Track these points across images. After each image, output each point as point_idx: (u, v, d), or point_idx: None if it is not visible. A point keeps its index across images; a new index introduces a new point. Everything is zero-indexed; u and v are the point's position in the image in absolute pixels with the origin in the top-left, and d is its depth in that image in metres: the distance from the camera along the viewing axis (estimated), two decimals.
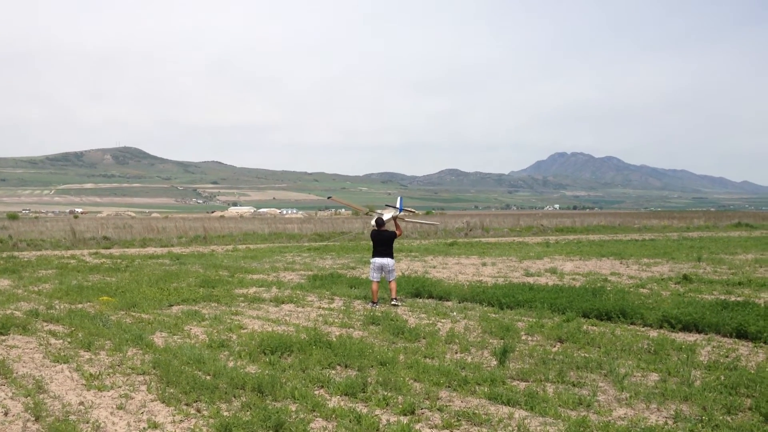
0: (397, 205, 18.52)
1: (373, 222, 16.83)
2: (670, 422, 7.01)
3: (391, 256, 16.17)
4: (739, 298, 15.50)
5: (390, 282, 16.09)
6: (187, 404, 7.69)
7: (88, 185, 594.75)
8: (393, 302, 15.68)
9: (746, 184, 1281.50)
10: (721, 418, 7.01)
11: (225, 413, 7.27)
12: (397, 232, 16.80)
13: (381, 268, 16.00)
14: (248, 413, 7.19)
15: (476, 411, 7.34)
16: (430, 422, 7.07)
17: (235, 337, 11.65)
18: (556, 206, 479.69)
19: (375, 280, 15.94)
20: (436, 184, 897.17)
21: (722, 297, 15.92)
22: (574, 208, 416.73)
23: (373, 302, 15.66)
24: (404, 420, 7.02)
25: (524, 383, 8.56)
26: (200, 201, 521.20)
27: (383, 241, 16.15)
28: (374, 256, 16.19)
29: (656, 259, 28.02)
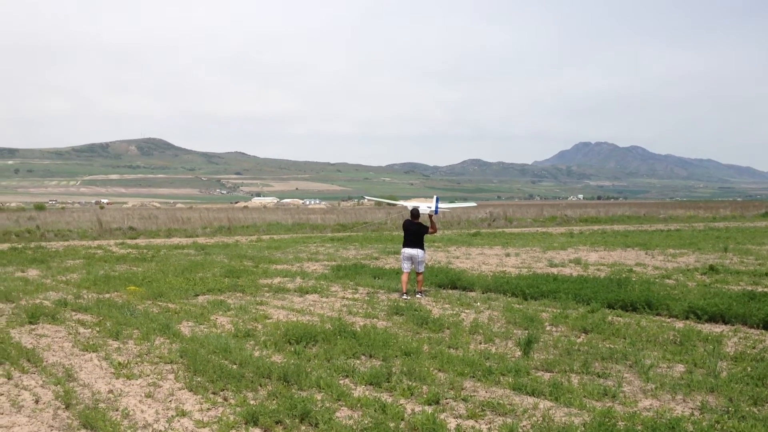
0: (433, 206, 18.16)
1: (408, 205, 16.99)
2: (696, 413, 6.99)
3: (422, 247, 15.97)
4: (766, 289, 15.35)
5: (418, 274, 15.88)
6: (214, 393, 7.79)
7: (114, 176, 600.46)
8: (417, 295, 15.51)
9: None
10: (747, 409, 6.98)
11: (252, 402, 7.36)
12: (431, 230, 16.32)
13: (410, 259, 15.80)
14: (274, 402, 7.27)
15: (501, 401, 7.36)
16: (454, 412, 7.11)
17: (260, 326, 11.76)
18: (580, 196, 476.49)
19: (405, 270, 15.77)
20: (458, 174, 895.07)
21: (749, 288, 15.78)
22: (599, 198, 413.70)
23: (403, 293, 15.45)
24: (429, 409, 7.06)
25: (549, 374, 8.56)
26: (224, 192, 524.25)
27: (414, 233, 15.97)
28: (404, 245, 16.02)
29: (682, 250, 27.77)
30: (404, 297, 15.18)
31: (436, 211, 17.74)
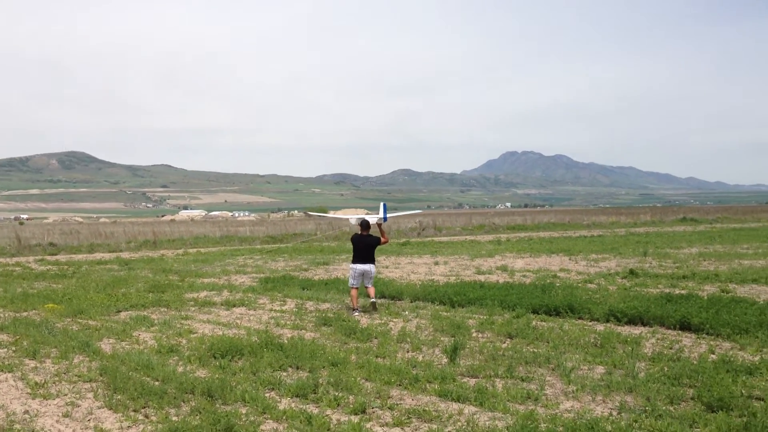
0: (381, 213, 17.16)
1: (353, 220, 16.21)
2: (615, 413, 7.17)
3: (373, 262, 15.11)
4: (682, 291, 15.90)
5: (368, 288, 15.02)
6: (134, 410, 7.59)
7: (34, 191, 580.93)
8: (372, 301, 14.75)
9: (692, 180, 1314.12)
10: (664, 408, 7.20)
11: (174, 418, 7.20)
12: (383, 239, 15.36)
13: (362, 275, 14.93)
14: (197, 417, 7.13)
15: (426, 408, 7.40)
16: (381, 420, 7.11)
17: (184, 341, 11.52)
18: (508, 204, 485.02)
19: (354, 286, 14.90)
20: (389, 184, 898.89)
21: (667, 290, 16.32)
22: (526, 206, 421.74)
23: (354, 308, 14.54)
24: (355, 419, 7.05)
25: (474, 379, 8.66)
26: (150, 205, 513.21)
27: (366, 247, 15.06)
28: (355, 261, 15.00)
29: (604, 255, 28.54)
30: (356, 313, 14.29)
31: (384, 219, 16.92)
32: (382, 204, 17.69)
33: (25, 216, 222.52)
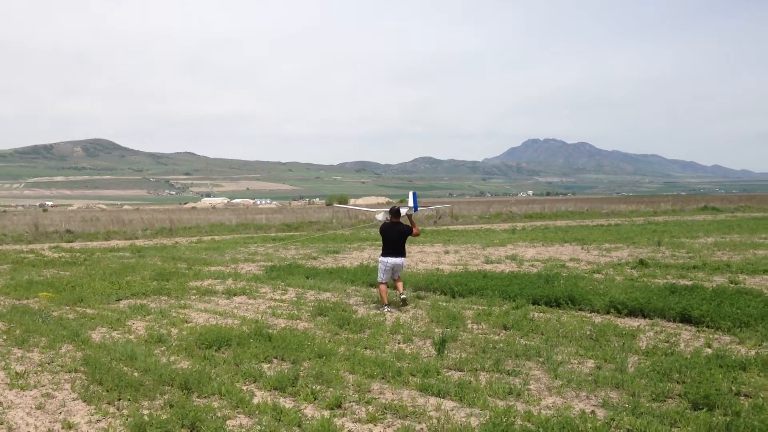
0: (410, 203, 15.94)
1: (379, 217, 14.64)
2: (596, 410, 6.95)
3: (404, 255, 14.08)
4: (688, 282, 15.57)
5: (396, 282, 14.06)
6: (108, 402, 7.49)
7: (59, 178, 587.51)
8: (401, 296, 13.68)
9: (717, 168, 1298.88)
10: (648, 405, 6.96)
11: (145, 412, 7.08)
12: (414, 230, 14.12)
13: (392, 269, 13.86)
14: (168, 411, 7.01)
15: (404, 403, 7.23)
16: (354, 416, 6.94)
17: (176, 331, 11.44)
18: (530, 192, 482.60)
19: (383, 281, 13.85)
20: (410, 172, 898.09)
21: (677, 281, 15.99)
22: (548, 194, 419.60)
23: (386, 304, 13.51)
24: (327, 414, 6.88)
25: (459, 373, 8.47)
26: (173, 192, 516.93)
27: (397, 237, 13.87)
28: (385, 254, 13.84)
29: (617, 244, 28.14)
30: (387, 309, 13.32)
31: (415, 209, 15.71)
32: (411, 193, 16.54)
33: (50, 203, 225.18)
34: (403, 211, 14.73)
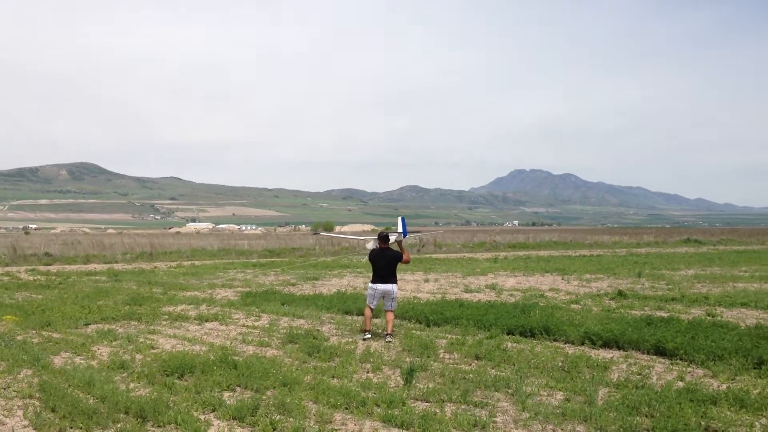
0: (399, 228, 15.38)
1: (369, 246, 14.16)
2: None
3: (395, 281, 13.47)
4: (665, 314, 15.45)
5: (387, 312, 13.37)
6: (60, 431, 7.22)
7: (43, 201, 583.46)
8: (387, 338, 12.82)
9: (700, 201, 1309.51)
10: None
11: None
12: (404, 256, 13.60)
13: (383, 296, 13.32)
14: None
15: None
16: None
17: (140, 357, 11.16)
18: (516, 222, 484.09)
19: (371, 306, 13.38)
20: (396, 200, 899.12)
21: (654, 313, 15.89)
22: (533, 224, 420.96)
23: (365, 330, 13.14)
24: None
25: (425, 404, 8.26)
26: (158, 217, 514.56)
27: (387, 263, 13.33)
28: (375, 281, 13.35)
29: (598, 275, 28.08)
30: (366, 336, 12.99)
31: (404, 234, 14.96)
32: (400, 218, 16.09)
33: (33, 226, 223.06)
34: (393, 237, 14.44)
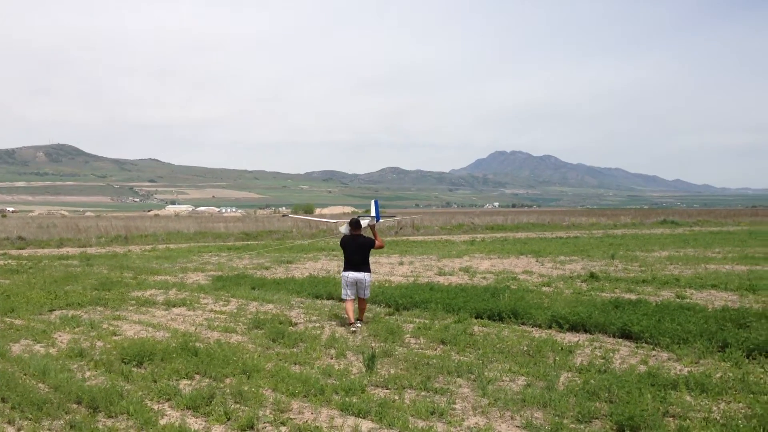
0: (372, 212, 14.88)
1: (342, 229, 13.51)
2: (518, 431, 6.69)
3: (368, 270, 13.06)
4: (634, 297, 15.47)
5: (360, 300, 13.03)
6: (9, 422, 7.05)
7: (20, 183, 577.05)
8: (357, 323, 12.51)
9: (678, 183, 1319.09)
10: (572, 426, 6.72)
11: None
12: (377, 242, 13.21)
13: (355, 284, 12.86)
14: None
15: (320, 424, 6.91)
16: None
17: (100, 344, 10.97)
18: (496, 204, 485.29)
19: (348, 298, 12.84)
20: (377, 182, 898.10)
21: (623, 295, 15.90)
22: (513, 206, 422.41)
23: (350, 323, 12.47)
24: None
25: (386, 391, 8.16)
26: (137, 200, 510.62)
27: (358, 250, 12.95)
28: (347, 269, 12.97)
29: (572, 257, 28.15)
30: (354, 327, 12.28)
31: (377, 219, 14.54)
32: (373, 201, 15.56)
33: (10, 209, 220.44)
34: (365, 222, 13.92)
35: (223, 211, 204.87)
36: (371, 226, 13.90)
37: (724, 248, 32.94)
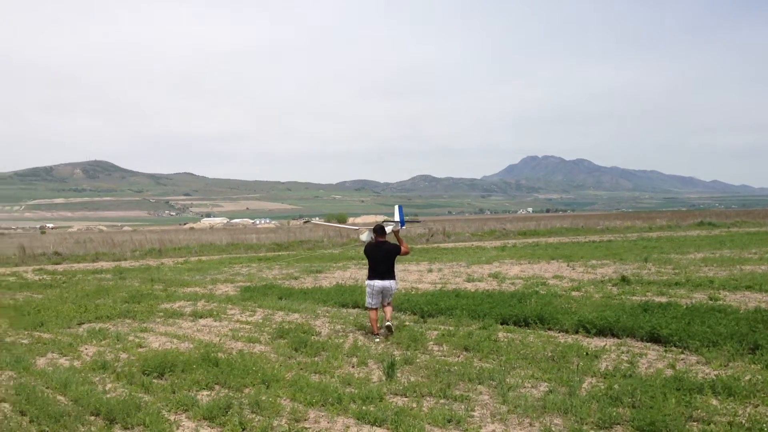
0: (396, 218, 14.33)
1: (364, 237, 12.84)
2: None
3: (394, 277, 12.59)
4: (667, 300, 15.16)
5: (385, 307, 12.56)
6: None
7: (59, 200, 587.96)
8: (386, 323, 12.17)
9: (716, 183, 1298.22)
10: None
11: None
12: (403, 248, 12.68)
13: (381, 293, 12.39)
14: None
15: None
16: None
17: (125, 356, 11.03)
18: (530, 209, 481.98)
19: (372, 306, 12.40)
20: (409, 190, 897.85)
21: (654, 298, 15.60)
22: (547, 211, 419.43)
23: (374, 333, 12.19)
24: None
25: (405, 399, 8.06)
26: (173, 213, 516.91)
27: (384, 257, 12.41)
28: (372, 277, 12.45)
29: (604, 261, 27.74)
30: (377, 339, 11.95)
31: (402, 224, 13.81)
32: (397, 207, 14.98)
33: (50, 225, 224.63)
34: (389, 228, 13.42)
35: (257, 222, 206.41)
36: (395, 232, 13.47)
37: (761, 249, 32.19)
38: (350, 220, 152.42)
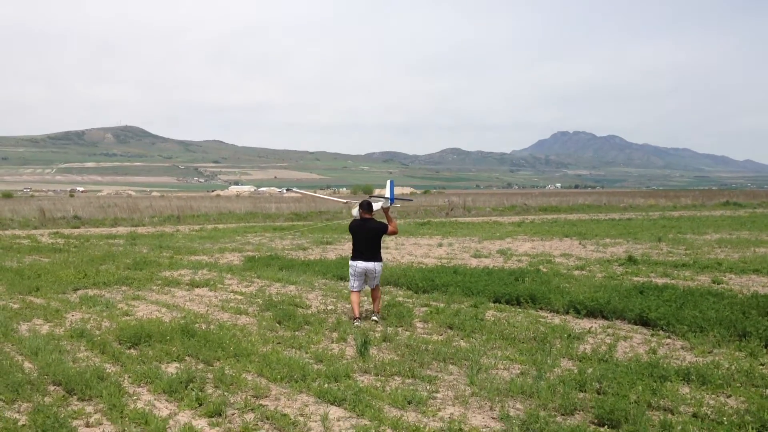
0: (387, 194, 12.95)
1: (354, 212, 11.86)
2: (492, 423, 6.36)
3: (380, 258, 11.54)
4: (668, 281, 14.85)
5: (372, 290, 11.75)
6: None
7: (90, 164, 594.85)
8: (374, 317, 11.45)
9: (749, 163, 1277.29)
10: (549, 419, 6.32)
11: (13, 415, 6.62)
12: (390, 227, 11.68)
13: (364, 275, 11.40)
14: (33, 417, 6.48)
15: (289, 412, 6.69)
16: (228, 426, 6.38)
17: (107, 324, 11.00)
18: (558, 185, 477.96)
19: (355, 289, 11.41)
20: (437, 162, 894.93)
21: (656, 280, 15.30)
22: (576, 186, 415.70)
23: (356, 317, 11.17)
24: (200, 424, 6.37)
25: (372, 377, 7.91)
26: (201, 180, 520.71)
27: (369, 236, 11.43)
28: (355, 257, 11.50)
29: (617, 240, 27.32)
30: (357, 323, 10.98)
31: (391, 201, 12.72)
32: (389, 182, 14.50)
33: (80, 188, 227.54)
34: (377, 205, 12.29)
35: (284, 191, 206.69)
36: (384, 209, 12.14)
37: None
38: (376, 191, 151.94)
